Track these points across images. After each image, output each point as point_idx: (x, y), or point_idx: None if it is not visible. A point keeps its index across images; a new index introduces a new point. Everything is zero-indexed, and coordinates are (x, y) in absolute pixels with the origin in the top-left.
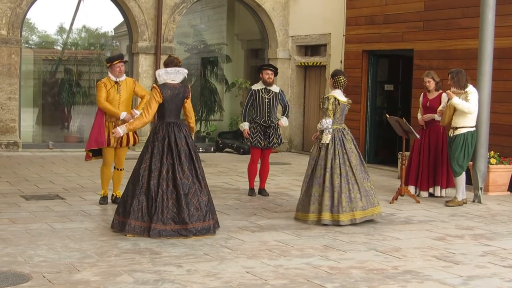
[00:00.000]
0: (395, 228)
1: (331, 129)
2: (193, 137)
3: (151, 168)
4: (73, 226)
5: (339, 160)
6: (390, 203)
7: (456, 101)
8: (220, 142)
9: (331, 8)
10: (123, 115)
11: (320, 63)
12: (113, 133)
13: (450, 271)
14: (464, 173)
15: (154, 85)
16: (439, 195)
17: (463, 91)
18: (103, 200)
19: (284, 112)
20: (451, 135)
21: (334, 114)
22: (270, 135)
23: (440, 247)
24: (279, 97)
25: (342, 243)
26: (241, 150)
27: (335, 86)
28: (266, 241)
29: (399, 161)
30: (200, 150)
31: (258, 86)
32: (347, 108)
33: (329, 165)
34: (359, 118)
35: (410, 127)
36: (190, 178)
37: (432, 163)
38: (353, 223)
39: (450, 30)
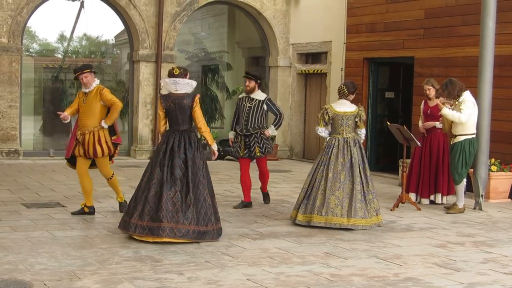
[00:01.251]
0: (396, 235)
1: (326, 137)
2: (212, 144)
3: (150, 171)
4: (74, 234)
5: (321, 167)
6: (391, 210)
7: (445, 112)
8: (221, 149)
9: (331, 15)
10: (61, 114)
11: (321, 70)
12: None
13: (451, 278)
14: (464, 180)
15: (159, 95)
16: (440, 202)
17: (452, 101)
18: (91, 209)
19: (275, 121)
20: (451, 143)
21: (327, 124)
22: (252, 144)
23: (441, 254)
24: (264, 105)
25: (343, 250)
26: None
27: (338, 95)
28: (267, 249)
29: (400, 168)
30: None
31: (243, 94)
32: (356, 118)
33: (313, 169)
34: None
35: (411, 134)
36: (179, 183)
37: (433, 171)
38: (310, 225)
39: (451, 37)
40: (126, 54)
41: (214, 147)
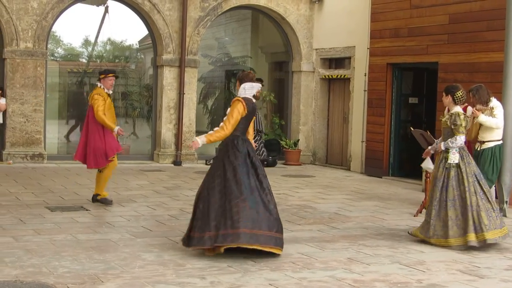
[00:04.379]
0: (419, 241)
1: (457, 148)
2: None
3: (240, 184)
4: (97, 238)
5: (471, 179)
6: (414, 216)
7: (483, 118)
8: None
9: (355, 21)
10: (116, 128)
11: (344, 76)
12: (192, 144)
13: (474, 285)
14: (494, 186)
15: (239, 98)
16: None
17: (487, 107)
18: (104, 200)
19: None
20: (478, 149)
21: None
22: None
23: (464, 261)
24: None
25: (366, 256)
26: (265, 162)
27: (456, 102)
28: (289, 254)
29: (423, 174)
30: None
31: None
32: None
33: (464, 185)
34: (383, 131)
35: (435, 140)
36: (267, 192)
37: None
38: (497, 242)
39: (475, 43)
40: (150, 58)
41: None
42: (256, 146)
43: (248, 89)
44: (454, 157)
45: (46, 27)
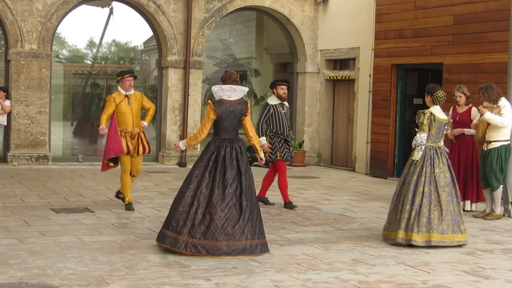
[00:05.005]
0: None
1: (423, 146)
2: (260, 152)
3: (191, 180)
4: (102, 239)
5: (425, 179)
6: None
7: (489, 116)
8: (249, 156)
9: (360, 22)
10: (102, 127)
11: (349, 77)
12: (174, 146)
13: (479, 286)
14: (501, 186)
15: (209, 101)
16: (469, 209)
17: (495, 106)
18: (129, 206)
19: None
20: (485, 149)
21: (429, 130)
22: (290, 147)
23: (469, 262)
24: (288, 111)
25: (371, 257)
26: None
27: (434, 102)
28: (294, 255)
29: None
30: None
31: (274, 101)
32: (446, 127)
33: (413, 183)
34: (388, 132)
35: None
36: (231, 196)
37: (462, 178)
38: (428, 245)
39: (480, 43)
40: (155, 60)
41: (262, 155)
42: (270, 146)
43: (219, 91)
44: (416, 155)
45: (50, 28)
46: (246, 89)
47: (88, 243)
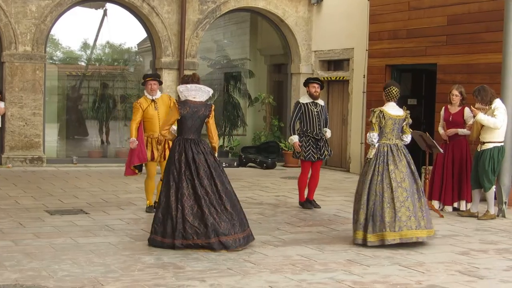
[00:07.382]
0: (418, 243)
1: (376, 144)
2: (216, 155)
3: (170, 184)
4: (97, 241)
5: (378, 178)
6: None
7: (481, 117)
8: (243, 156)
9: (354, 23)
10: (132, 140)
11: (343, 77)
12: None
13: (474, 286)
14: (493, 187)
15: (175, 101)
16: (464, 209)
17: (487, 107)
18: (149, 209)
19: (326, 124)
20: (479, 150)
21: (380, 128)
22: (321, 147)
23: (464, 262)
24: (324, 110)
25: (366, 258)
26: (264, 164)
27: (387, 99)
28: (289, 256)
29: (423, 175)
30: (224, 165)
31: (305, 100)
32: (405, 123)
33: (367, 182)
34: None
35: (434, 141)
36: (210, 193)
37: (457, 178)
38: (383, 244)
39: (474, 44)
40: (149, 61)
41: (216, 155)
42: (300, 145)
43: (184, 91)
44: (369, 153)
45: (44, 30)
46: (211, 90)
47: (82, 244)
